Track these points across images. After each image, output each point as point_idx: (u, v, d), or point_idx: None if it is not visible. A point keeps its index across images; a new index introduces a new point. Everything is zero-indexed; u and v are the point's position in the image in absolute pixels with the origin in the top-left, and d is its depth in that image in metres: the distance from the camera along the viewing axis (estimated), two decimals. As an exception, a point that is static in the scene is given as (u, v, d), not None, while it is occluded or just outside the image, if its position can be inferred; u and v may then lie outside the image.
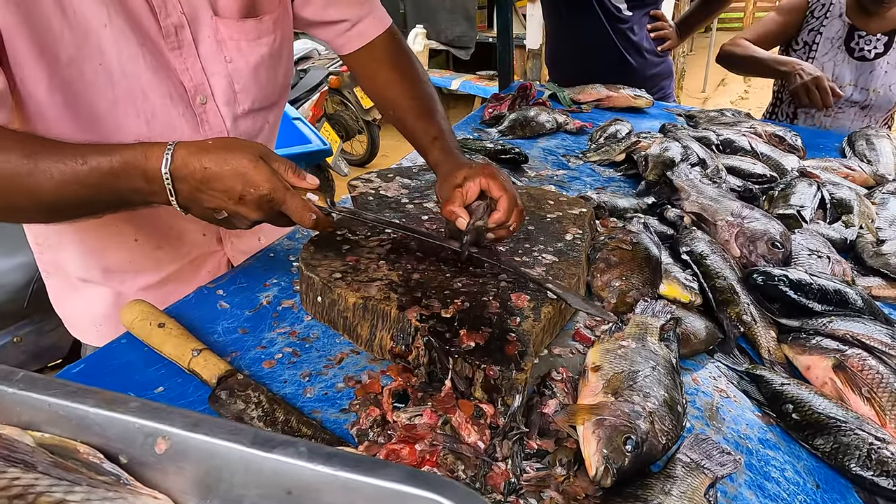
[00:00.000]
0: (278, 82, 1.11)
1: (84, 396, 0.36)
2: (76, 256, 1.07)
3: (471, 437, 0.72)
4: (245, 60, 1.02)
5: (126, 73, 0.89)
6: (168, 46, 0.93)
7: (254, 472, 0.33)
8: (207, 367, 0.79)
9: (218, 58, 0.99)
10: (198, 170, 0.78)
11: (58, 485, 0.31)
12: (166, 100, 0.94)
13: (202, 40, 0.96)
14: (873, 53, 1.97)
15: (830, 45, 2.02)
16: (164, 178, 0.77)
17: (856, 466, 0.74)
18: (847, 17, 1.99)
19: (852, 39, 1.99)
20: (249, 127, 1.07)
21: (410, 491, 0.31)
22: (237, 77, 1.01)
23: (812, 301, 0.99)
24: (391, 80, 1.18)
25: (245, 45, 1.01)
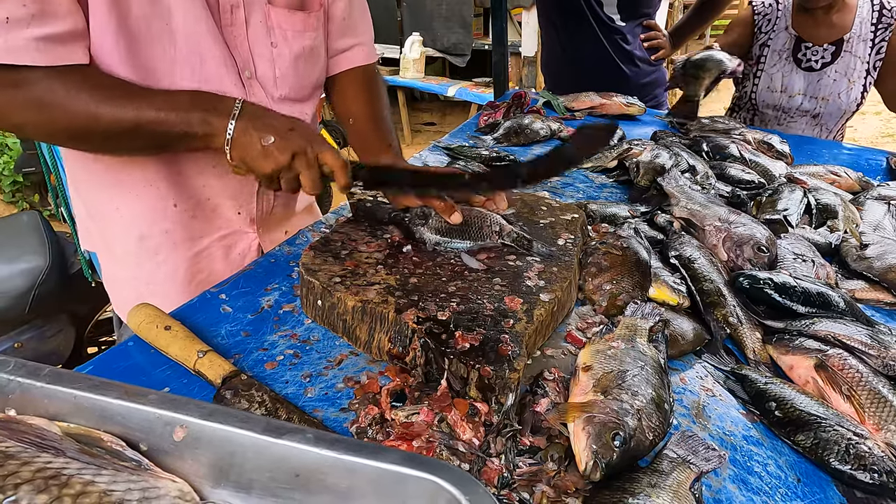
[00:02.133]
0: (313, 78, 1.21)
1: (107, 389, 0.39)
2: (120, 225, 1.13)
3: (466, 434, 0.75)
4: (289, 49, 1.12)
5: (189, 35, 0.98)
6: (223, 22, 1.02)
7: (264, 457, 0.36)
8: (212, 368, 0.82)
9: (265, 41, 1.08)
10: (261, 109, 0.96)
11: (86, 468, 0.34)
12: (221, 67, 1.03)
13: (253, 23, 1.06)
14: (820, 63, 2.03)
15: (778, 58, 2.08)
16: (235, 106, 0.93)
17: (835, 461, 0.77)
18: (793, 30, 2.05)
19: (799, 51, 2.05)
20: (288, 111, 1.13)
21: (409, 472, 0.34)
22: (279, 63, 1.11)
23: (796, 303, 1.03)
24: (357, 96, 1.32)
25: (291, 34, 1.11)
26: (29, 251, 2.08)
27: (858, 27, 2.00)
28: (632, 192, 1.53)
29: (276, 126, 0.94)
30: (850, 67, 2.02)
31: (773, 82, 2.09)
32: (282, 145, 0.92)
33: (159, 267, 1.16)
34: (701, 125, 1.99)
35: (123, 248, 1.15)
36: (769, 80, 2.09)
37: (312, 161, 0.95)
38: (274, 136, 0.92)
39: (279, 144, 0.92)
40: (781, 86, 2.08)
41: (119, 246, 1.15)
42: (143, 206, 1.11)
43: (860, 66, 2.02)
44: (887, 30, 1.99)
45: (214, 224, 1.18)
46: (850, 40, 2.00)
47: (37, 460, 0.33)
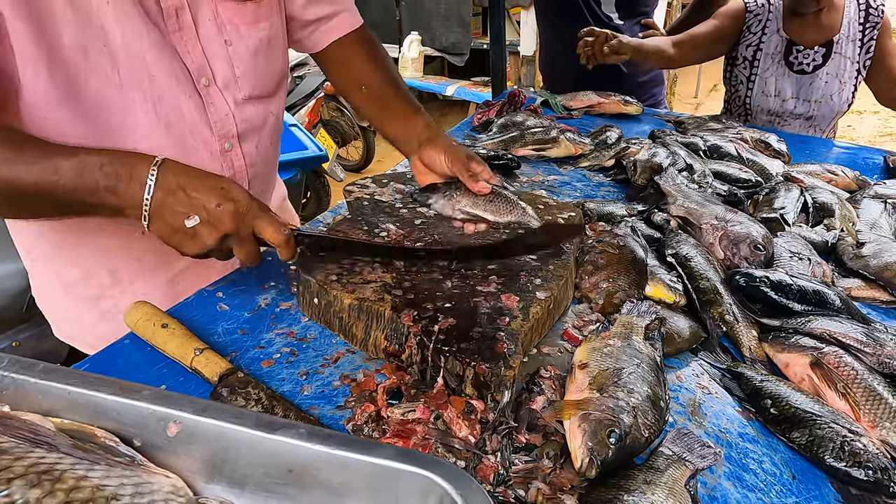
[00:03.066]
0: (276, 70, 1.12)
1: (101, 385, 0.39)
2: (77, 264, 1.06)
3: (462, 432, 0.75)
4: (245, 45, 1.03)
5: (131, 54, 0.89)
6: (169, 28, 0.93)
7: (258, 452, 0.36)
8: (209, 366, 0.82)
9: (218, 41, 0.99)
10: (182, 176, 0.81)
11: (79, 464, 0.34)
12: (172, 80, 0.94)
13: (202, 23, 0.97)
14: (812, 66, 2.03)
15: (771, 61, 2.08)
16: (149, 174, 0.79)
17: (830, 458, 0.77)
18: (784, 33, 2.04)
19: (791, 54, 2.04)
20: (252, 115, 1.08)
21: (402, 468, 0.34)
22: (237, 61, 1.03)
23: (792, 301, 1.03)
24: (364, 61, 1.23)
25: (244, 28, 1.02)
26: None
27: (847, 27, 2.00)
28: (629, 190, 1.54)
29: (202, 201, 0.81)
30: (840, 68, 2.02)
31: (766, 87, 2.09)
32: (210, 227, 0.82)
33: (136, 294, 1.09)
34: (698, 124, 1.99)
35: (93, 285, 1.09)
36: (763, 84, 2.09)
37: (246, 238, 0.85)
38: (199, 214, 0.81)
39: (207, 226, 0.81)
40: (775, 90, 2.08)
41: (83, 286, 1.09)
42: (109, 240, 1.05)
43: (850, 67, 2.03)
44: (875, 28, 2.00)
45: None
46: (839, 41, 2.01)
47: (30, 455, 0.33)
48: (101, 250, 1.07)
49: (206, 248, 0.83)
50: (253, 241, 0.86)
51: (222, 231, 0.83)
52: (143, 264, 1.10)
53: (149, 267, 1.10)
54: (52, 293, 1.15)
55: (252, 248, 0.87)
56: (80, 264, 1.08)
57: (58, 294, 1.14)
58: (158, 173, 0.80)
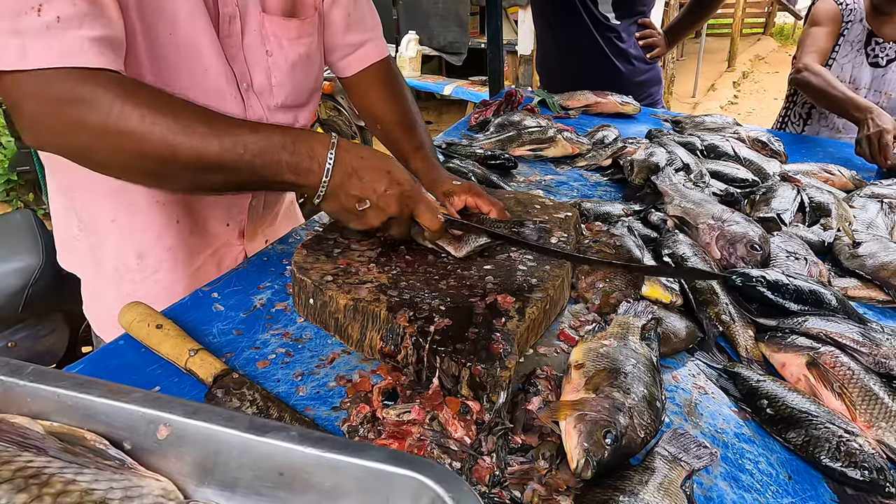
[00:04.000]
0: (310, 84, 1.18)
1: (90, 387, 0.39)
2: (116, 239, 1.08)
3: (457, 433, 0.75)
4: (284, 57, 1.09)
5: (191, 46, 0.94)
6: (222, 33, 0.99)
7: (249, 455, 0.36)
8: (204, 367, 0.82)
9: (260, 51, 1.06)
10: (356, 158, 0.87)
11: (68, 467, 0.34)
12: (222, 79, 1.00)
13: (248, 33, 1.03)
14: (885, 60, 2.05)
15: (850, 48, 2.09)
16: (328, 156, 0.85)
17: (826, 458, 0.77)
18: (867, 23, 2.06)
19: (869, 45, 2.06)
20: (281, 121, 1.12)
21: (393, 470, 0.34)
22: (275, 71, 1.08)
23: (788, 301, 1.03)
24: (381, 98, 1.28)
25: (286, 42, 1.09)
26: (22, 250, 2.07)
27: None
28: (626, 190, 1.54)
29: (373, 185, 0.87)
30: None
31: (842, 72, 2.10)
32: (378, 210, 0.89)
33: (157, 285, 1.12)
34: (695, 123, 1.99)
35: (118, 265, 1.11)
36: (839, 69, 2.10)
37: (406, 222, 0.92)
38: (371, 197, 0.87)
39: (376, 210, 0.88)
40: (850, 77, 2.09)
41: (112, 262, 1.11)
42: (147, 223, 1.07)
43: None
44: None
45: (206, 239, 1.16)
46: None
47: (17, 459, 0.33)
48: (137, 232, 1.08)
49: (371, 227, 0.91)
50: (408, 224, 0.94)
51: (388, 214, 0.90)
52: (171, 254, 1.12)
53: (176, 258, 1.13)
54: (87, 264, 1.17)
55: (407, 228, 0.94)
56: (113, 239, 1.09)
57: (90, 267, 1.16)
58: (336, 156, 0.85)
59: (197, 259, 1.15)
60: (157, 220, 1.07)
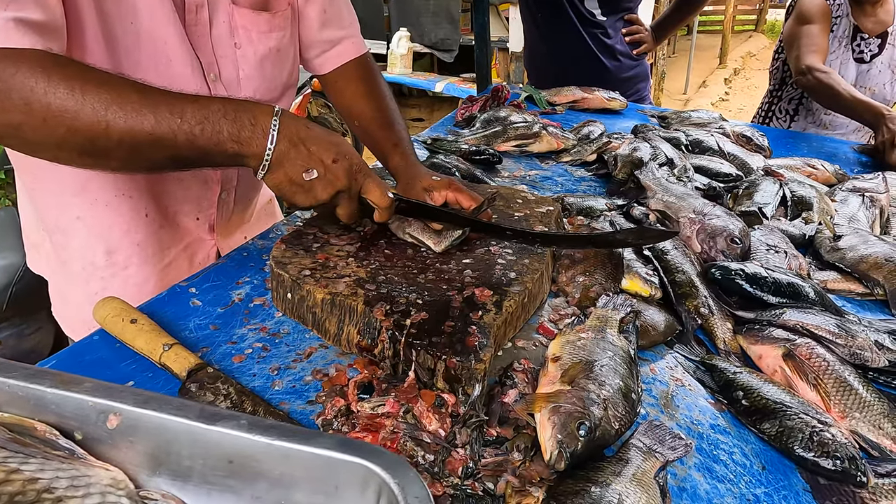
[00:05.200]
0: (282, 80, 1.17)
1: (41, 378, 0.39)
2: (83, 237, 1.07)
3: (432, 425, 0.75)
4: (253, 50, 1.08)
5: (154, 36, 0.93)
6: (188, 21, 0.98)
7: (199, 444, 0.36)
8: (178, 361, 0.81)
9: (228, 42, 1.04)
10: (302, 128, 0.84)
11: (13, 457, 0.33)
12: (187, 69, 0.98)
13: (217, 24, 1.02)
14: (869, 56, 2.07)
15: (838, 45, 2.11)
16: (272, 123, 0.81)
17: (799, 448, 0.77)
18: (852, 18, 2.07)
19: (855, 40, 2.08)
20: None
21: (341, 457, 0.34)
22: (243, 64, 1.07)
23: (766, 293, 1.04)
24: (358, 95, 1.27)
25: (256, 35, 1.07)
26: (6, 248, 2.06)
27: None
28: (610, 185, 1.54)
29: (321, 155, 0.84)
30: (893, 59, 2.09)
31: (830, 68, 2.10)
32: (326, 182, 0.85)
33: (127, 282, 1.11)
34: (681, 118, 1.99)
35: (85, 264, 1.09)
36: (828, 66, 2.10)
37: (354, 197, 0.90)
38: (318, 168, 0.84)
39: (323, 181, 0.85)
40: (838, 73, 2.09)
41: (79, 262, 1.09)
42: (114, 218, 1.05)
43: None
44: None
45: (177, 233, 1.14)
46: (892, 33, 2.07)
47: (-39, 449, 0.33)
48: (105, 228, 1.07)
49: (318, 202, 0.87)
50: (357, 200, 0.91)
51: (336, 187, 0.87)
52: (141, 249, 1.10)
53: (146, 253, 1.11)
54: (52, 265, 1.16)
55: (356, 206, 0.91)
56: (79, 238, 1.07)
57: (55, 268, 1.15)
58: (280, 123, 0.82)
59: (167, 254, 1.14)
60: (124, 215, 1.06)
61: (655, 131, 1.80)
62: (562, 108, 2.15)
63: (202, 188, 1.14)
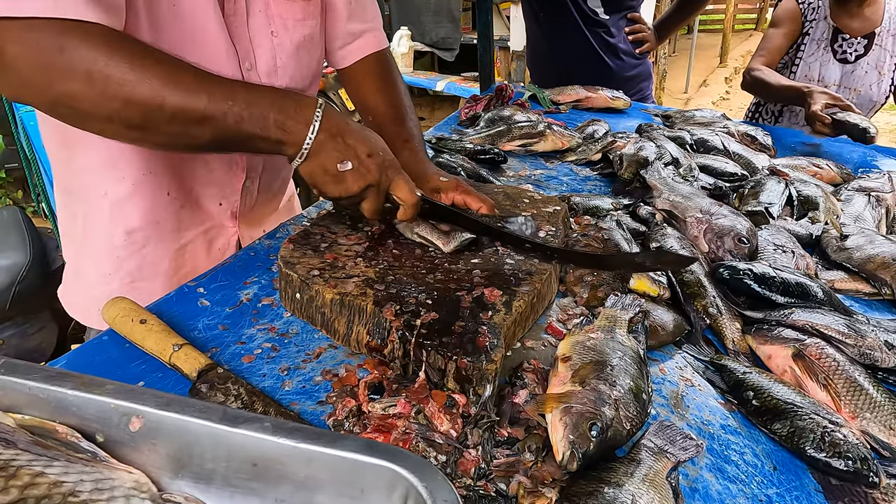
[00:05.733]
0: (312, 68, 1.18)
1: (63, 380, 0.38)
2: (105, 215, 1.07)
3: (443, 426, 0.75)
4: (290, 38, 1.10)
5: (195, 20, 0.95)
6: (226, 11, 0.99)
7: (222, 446, 0.35)
8: (188, 362, 0.81)
9: (265, 31, 1.06)
10: (342, 122, 0.88)
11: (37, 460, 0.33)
12: (221, 56, 1.00)
13: (253, 13, 1.04)
14: (854, 56, 2.05)
15: (817, 47, 2.09)
16: (315, 115, 0.85)
17: (810, 449, 0.77)
18: (831, 20, 2.06)
19: (836, 41, 2.06)
20: None
21: (367, 460, 0.33)
22: (280, 52, 1.09)
23: (775, 293, 1.03)
24: (374, 90, 1.28)
25: (291, 23, 1.09)
26: (9, 247, 2.05)
27: (887, 22, 2.03)
28: (615, 184, 1.54)
29: (356, 148, 0.88)
30: (880, 60, 2.07)
31: (810, 71, 2.11)
32: (358, 175, 0.88)
33: (144, 260, 1.12)
34: (685, 117, 1.99)
35: (103, 242, 1.10)
36: (807, 69, 2.10)
37: (382, 193, 0.92)
38: (352, 161, 0.87)
39: (356, 173, 0.88)
40: (819, 76, 2.09)
41: (98, 240, 1.10)
42: (137, 195, 1.06)
43: (889, 60, 2.07)
44: None
45: (198, 216, 1.15)
46: (880, 34, 2.05)
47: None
48: (127, 205, 1.07)
49: (348, 194, 0.89)
50: (384, 196, 0.92)
51: (367, 181, 0.89)
52: (160, 228, 1.11)
53: (164, 231, 1.12)
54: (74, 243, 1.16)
55: (382, 202, 0.93)
56: (103, 213, 1.07)
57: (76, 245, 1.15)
58: (323, 115, 0.85)
59: (185, 235, 1.14)
60: (147, 192, 1.06)
61: (660, 130, 1.80)
62: (566, 107, 2.15)
63: (227, 173, 1.14)
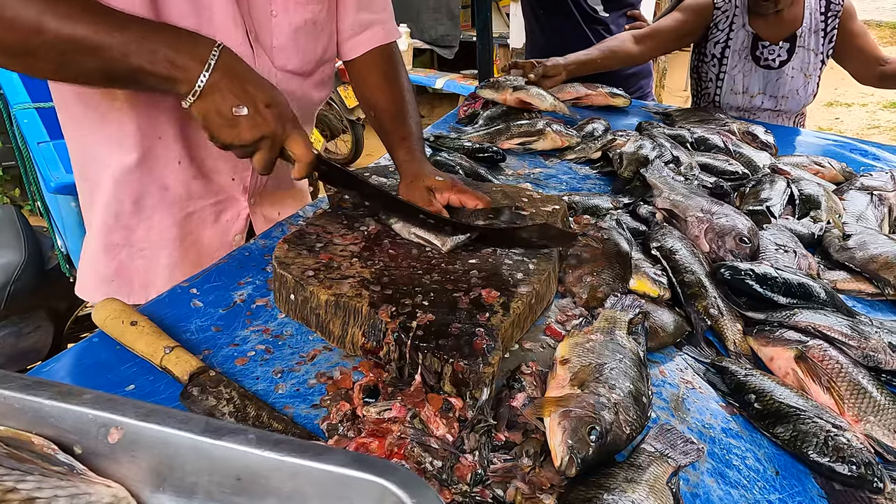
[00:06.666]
0: (316, 54, 1.17)
1: (39, 389, 0.37)
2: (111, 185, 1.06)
3: (439, 430, 0.73)
4: (289, 20, 1.08)
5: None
6: None
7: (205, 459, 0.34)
8: (179, 364, 0.80)
9: (265, 9, 1.05)
10: (243, 66, 0.85)
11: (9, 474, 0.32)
12: (229, 24, 0.99)
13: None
14: (778, 62, 2.03)
15: (738, 57, 2.07)
16: (212, 54, 0.82)
17: (813, 453, 0.76)
18: (750, 27, 2.03)
19: (757, 49, 2.03)
20: (283, 84, 1.08)
21: (355, 475, 0.32)
22: (277, 32, 1.08)
23: (777, 294, 1.02)
24: (378, 86, 1.26)
25: (293, 5, 1.08)
26: (4, 246, 2.03)
27: (809, 19, 2.00)
28: (615, 183, 1.52)
29: (253, 95, 0.84)
30: (804, 62, 2.03)
31: (735, 84, 2.08)
32: (253, 122, 0.84)
33: (150, 231, 1.11)
34: (686, 116, 1.98)
35: (111, 212, 1.09)
36: (732, 81, 2.08)
37: (277, 146, 0.88)
38: (248, 107, 0.83)
39: (250, 120, 0.84)
40: (743, 87, 2.07)
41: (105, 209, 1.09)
42: (148, 164, 1.05)
43: (815, 59, 2.03)
44: (836, 16, 2.00)
45: (210, 188, 1.15)
46: (802, 34, 2.01)
47: (-45, 466, 0.31)
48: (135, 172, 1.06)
49: (240, 142, 0.85)
50: (278, 151, 0.89)
51: (262, 131, 0.85)
52: (168, 194, 1.10)
53: (172, 198, 1.11)
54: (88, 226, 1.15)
55: (275, 156, 0.90)
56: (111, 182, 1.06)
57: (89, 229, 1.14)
58: (220, 55, 0.82)
59: (194, 203, 1.13)
60: (157, 159, 1.06)
61: (660, 129, 1.78)
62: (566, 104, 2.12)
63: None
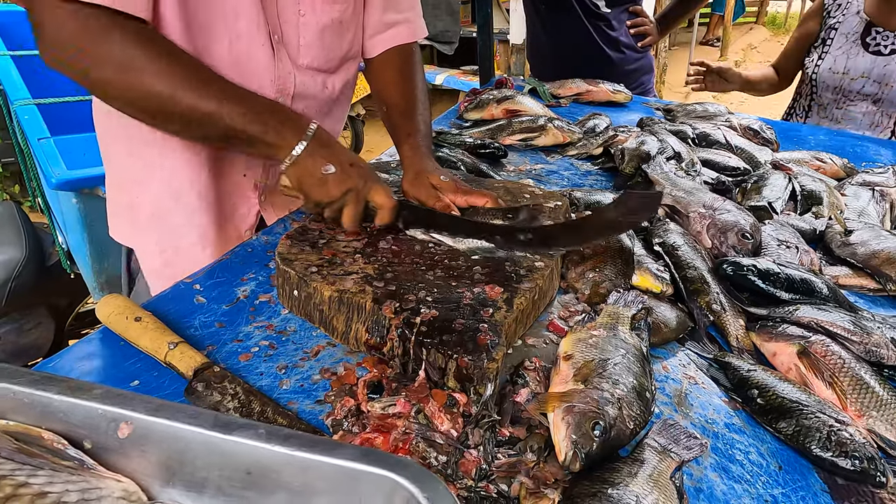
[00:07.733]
0: (341, 51, 1.20)
1: (48, 384, 0.37)
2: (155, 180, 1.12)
3: (444, 426, 0.73)
4: (316, 19, 1.12)
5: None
6: None
7: (215, 454, 0.34)
8: (184, 360, 0.80)
9: (293, 9, 1.09)
10: (331, 139, 1.00)
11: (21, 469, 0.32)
12: (253, 26, 1.04)
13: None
14: (889, 49, 2.02)
15: (845, 40, 2.08)
16: (310, 128, 0.96)
17: (816, 448, 0.76)
18: (865, 14, 2.04)
19: (868, 34, 2.04)
20: (309, 81, 1.16)
21: (366, 469, 0.32)
22: (304, 31, 1.11)
23: (779, 290, 1.02)
24: (392, 82, 1.29)
25: (320, 4, 1.11)
26: (4, 242, 2.03)
27: None
28: (617, 179, 1.52)
29: (340, 158, 0.97)
30: None
31: (835, 64, 2.09)
32: (339, 178, 0.96)
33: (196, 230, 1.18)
34: (687, 111, 1.97)
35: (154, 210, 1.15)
36: (832, 61, 2.09)
37: (362, 199, 0.99)
38: (335, 166, 0.96)
39: (337, 177, 0.96)
40: (844, 67, 2.08)
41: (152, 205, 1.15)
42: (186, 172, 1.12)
43: None
44: None
45: (226, 188, 1.19)
46: None
47: (-33, 461, 0.31)
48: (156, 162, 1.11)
49: (330, 198, 0.97)
50: (363, 204, 0.99)
51: (348, 185, 0.97)
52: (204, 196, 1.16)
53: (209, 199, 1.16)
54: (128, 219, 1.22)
55: (360, 209, 0.99)
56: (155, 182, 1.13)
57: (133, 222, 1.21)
58: (316, 130, 0.97)
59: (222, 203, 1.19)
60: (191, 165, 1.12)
61: (661, 124, 1.78)
62: (566, 100, 2.13)
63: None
